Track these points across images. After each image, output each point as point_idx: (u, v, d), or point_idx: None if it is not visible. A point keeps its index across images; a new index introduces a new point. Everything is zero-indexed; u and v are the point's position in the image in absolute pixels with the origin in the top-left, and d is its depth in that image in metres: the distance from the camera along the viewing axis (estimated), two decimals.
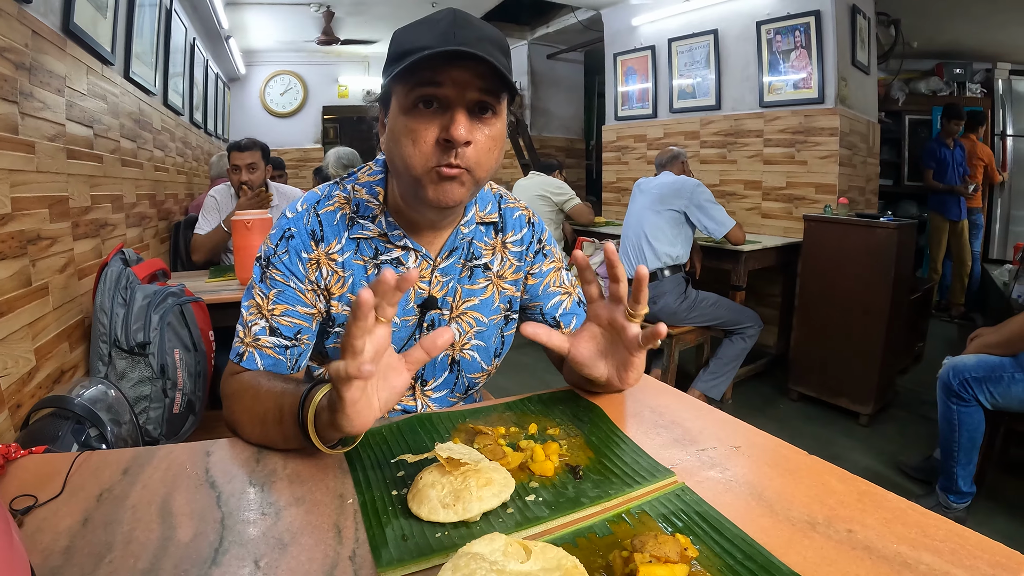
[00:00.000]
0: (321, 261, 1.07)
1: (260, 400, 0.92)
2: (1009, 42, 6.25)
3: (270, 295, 1.05)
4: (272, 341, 1.04)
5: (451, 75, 0.89)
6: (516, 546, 0.60)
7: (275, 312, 1.05)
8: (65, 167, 2.09)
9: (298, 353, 1.07)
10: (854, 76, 4.44)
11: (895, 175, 7.08)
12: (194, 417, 1.98)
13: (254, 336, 1.04)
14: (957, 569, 0.62)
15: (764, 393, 4.01)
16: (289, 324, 1.05)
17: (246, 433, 0.94)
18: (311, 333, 1.08)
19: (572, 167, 8.17)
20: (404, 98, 0.92)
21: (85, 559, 0.63)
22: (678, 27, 5.23)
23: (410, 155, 0.92)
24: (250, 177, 3.23)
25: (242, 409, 0.95)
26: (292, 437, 0.85)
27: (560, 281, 1.28)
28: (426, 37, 0.88)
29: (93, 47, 2.44)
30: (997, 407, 2.34)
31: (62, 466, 0.82)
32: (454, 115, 0.90)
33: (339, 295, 1.09)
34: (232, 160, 3.25)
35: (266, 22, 6.56)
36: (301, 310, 1.06)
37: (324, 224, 1.08)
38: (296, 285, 1.06)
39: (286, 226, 1.08)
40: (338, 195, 1.10)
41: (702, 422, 1.01)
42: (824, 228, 3.61)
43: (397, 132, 0.94)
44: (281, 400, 0.88)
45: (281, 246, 1.06)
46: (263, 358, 1.04)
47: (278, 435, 0.88)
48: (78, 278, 2.15)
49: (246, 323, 1.06)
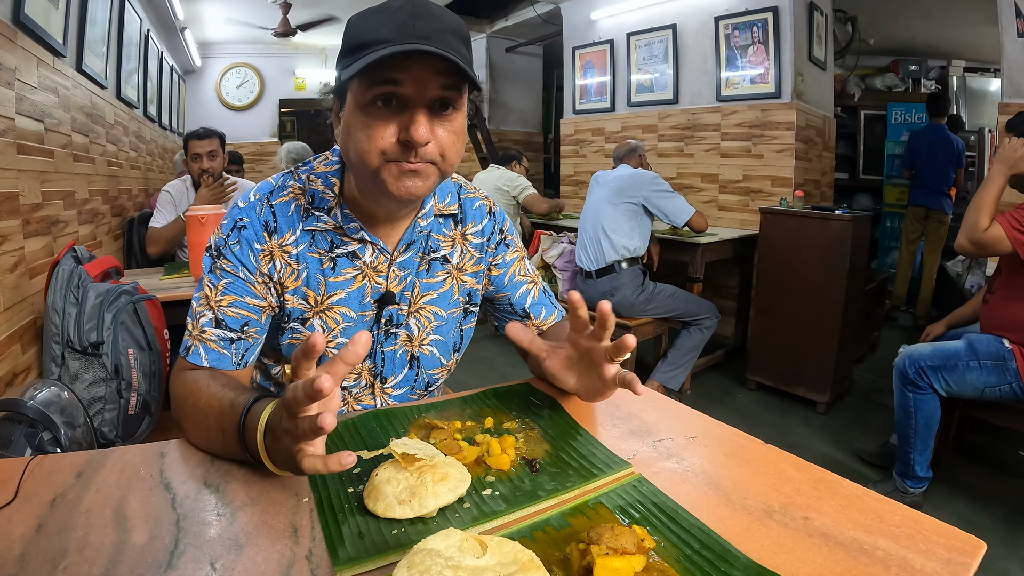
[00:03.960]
0: (274, 253, 1.04)
1: (201, 413, 0.90)
2: (963, 40, 6.40)
3: (219, 286, 1.02)
4: (217, 334, 1.01)
5: (411, 73, 0.86)
6: (472, 541, 0.60)
7: (222, 304, 1.01)
8: (15, 163, 2.03)
9: (245, 348, 1.03)
10: (811, 71, 4.51)
11: (850, 169, 7.23)
12: (150, 418, 1.94)
13: (200, 329, 1.01)
14: (913, 554, 0.64)
15: (722, 383, 4.07)
16: (236, 316, 1.02)
17: (192, 439, 0.92)
18: (260, 327, 1.06)
19: (531, 160, 8.16)
20: (361, 95, 0.89)
21: (40, 566, 0.62)
22: (637, 21, 5.27)
23: (367, 151, 0.90)
24: (211, 164, 3.20)
25: (186, 416, 0.93)
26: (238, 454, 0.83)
27: (524, 271, 1.28)
28: (383, 29, 0.85)
29: (44, 39, 2.37)
30: (952, 394, 2.40)
31: (15, 471, 0.80)
32: (414, 115, 0.87)
33: (293, 288, 1.06)
34: (191, 149, 3.20)
35: (222, 13, 6.44)
36: (251, 302, 1.03)
37: (278, 215, 1.05)
38: (246, 276, 1.02)
39: (238, 216, 1.04)
40: (292, 185, 1.07)
41: (659, 413, 1.03)
42: (780, 220, 3.67)
43: (353, 128, 0.91)
44: (221, 421, 0.85)
45: (232, 236, 1.03)
46: (207, 352, 1.00)
47: (224, 452, 0.87)
48: (29, 277, 2.10)
49: (195, 315, 1.02)
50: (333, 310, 1.08)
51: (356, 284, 1.09)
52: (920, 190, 5.41)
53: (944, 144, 5.25)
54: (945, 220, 5.35)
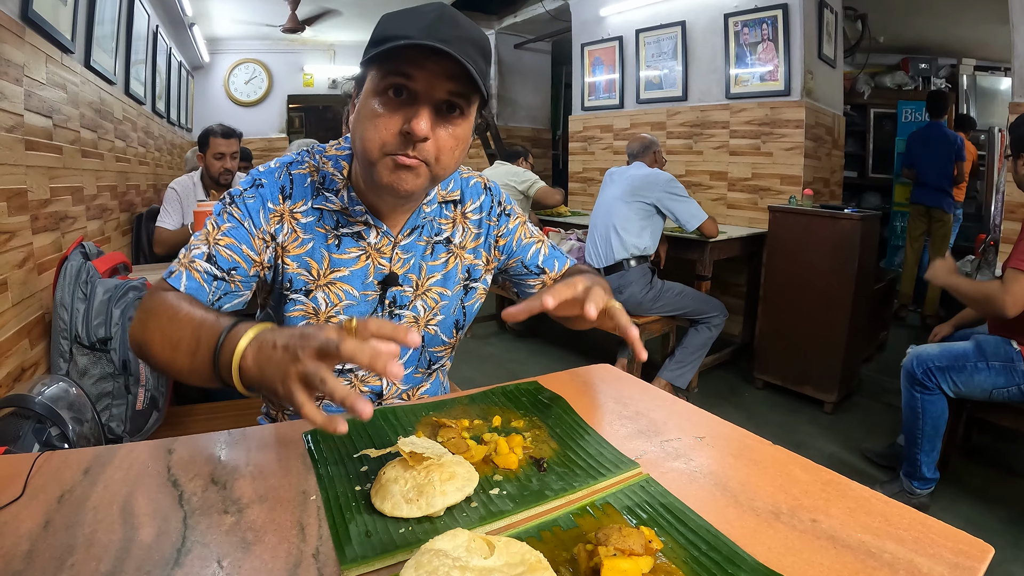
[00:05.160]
0: (285, 216, 1.09)
1: (177, 323, 0.90)
2: (974, 38, 6.36)
3: (222, 227, 1.05)
4: (205, 267, 1.03)
5: (425, 69, 0.90)
6: (479, 542, 0.60)
7: (220, 242, 1.04)
8: (23, 159, 2.03)
9: (224, 291, 1.05)
10: (820, 69, 4.49)
11: (860, 167, 7.20)
12: (158, 413, 1.95)
13: (191, 259, 1.03)
14: (921, 557, 0.64)
15: (730, 382, 4.06)
16: (228, 256, 1.04)
17: (153, 353, 0.93)
18: (245, 278, 1.08)
19: (538, 157, 8.16)
20: (376, 83, 0.93)
21: (47, 563, 0.62)
22: (646, 18, 5.25)
23: (370, 138, 0.94)
24: (232, 164, 3.20)
25: (155, 328, 0.93)
26: (203, 372, 0.84)
27: (529, 233, 1.31)
28: (410, 27, 0.89)
29: (53, 35, 2.37)
30: (960, 395, 2.39)
31: (22, 467, 0.80)
32: (419, 109, 0.91)
33: (296, 255, 1.10)
34: (215, 147, 3.21)
35: (230, 9, 6.45)
36: (245, 250, 1.06)
37: (295, 184, 1.10)
38: (250, 228, 1.06)
39: (258, 176, 1.10)
40: (308, 162, 1.12)
41: (666, 412, 1.02)
42: (789, 219, 3.66)
43: (363, 114, 0.95)
44: (199, 330, 0.86)
45: (250, 191, 1.08)
46: (189, 280, 1.02)
47: (187, 364, 0.87)
48: (38, 273, 2.10)
49: (189, 247, 1.05)
50: (336, 285, 1.12)
51: (360, 264, 1.12)
52: (920, 188, 5.41)
53: (941, 141, 5.25)
54: (946, 219, 5.34)
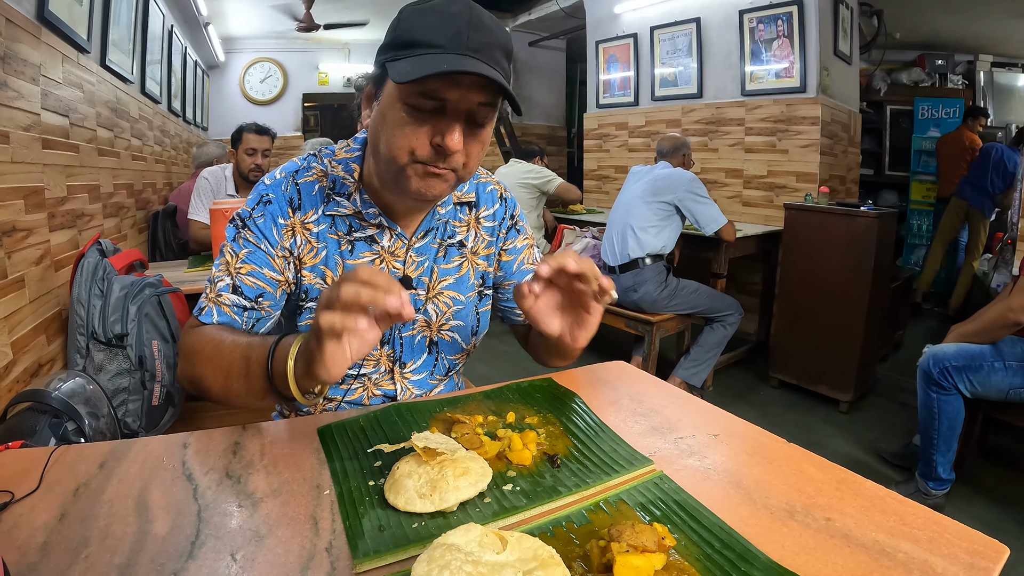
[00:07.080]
0: (296, 229, 1.08)
1: (223, 353, 0.93)
2: (991, 34, 6.30)
3: (240, 254, 1.06)
4: (232, 299, 1.04)
5: (459, 86, 0.88)
6: (492, 536, 0.60)
7: (241, 271, 1.05)
8: (40, 157, 2.06)
9: (256, 318, 1.07)
10: (836, 66, 4.45)
11: (876, 165, 7.13)
12: (173, 409, 1.96)
13: (217, 292, 1.05)
14: (935, 557, 0.63)
15: (745, 380, 4.04)
16: (252, 285, 1.05)
17: (207, 386, 0.95)
18: (274, 301, 1.09)
19: (553, 155, 8.17)
20: (405, 92, 0.90)
21: (62, 555, 0.63)
22: (660, 15, 5.22)
23: (399, 146, 0.92)
24: (264, 162, 3.22)
25: (203, 362, 0.95)
26: (258, 390, 0.87)
27: (532, 259, 1.29)
28: (438, 33, 0.88)
29: (69, 35, 2.40)
30: (976, 395, 2.36)
31: (39, 461, 0.81)
32: (452, 124, 0.90)
33: (311, 265, 1.10)
34: (248, 143, 3.22)
35: (245, 8, 6.49)
36: (268, 274, 1.06)
37: (303, 193, 1.09)
38: (267, 249, 1.06)
39: (264, 191, 1.09)
40: (316, 168, 1.11)
41: (681, 410, 1.02)
42: (805, 217, 3.63)
43: (389, 120, 0.93)
44: (248, 352, 0.89)
45: (258, 210, 1.07)
46: (220, 315, 1.04)
47: (242, 388, 0.90)
48: (55, 270, 2.12)
49: (213, 280, 1.06)
50: None
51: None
52: (968, 185, 5.43)
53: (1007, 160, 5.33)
54: (985, 223, 5.38)
